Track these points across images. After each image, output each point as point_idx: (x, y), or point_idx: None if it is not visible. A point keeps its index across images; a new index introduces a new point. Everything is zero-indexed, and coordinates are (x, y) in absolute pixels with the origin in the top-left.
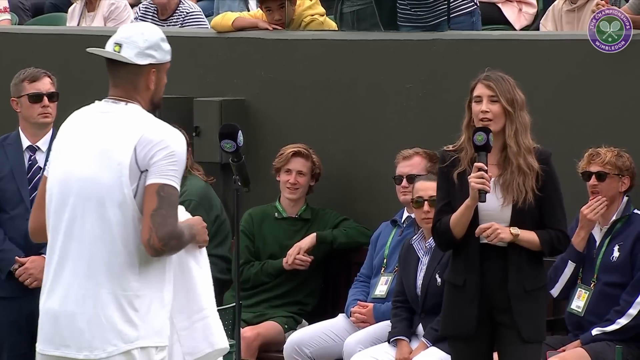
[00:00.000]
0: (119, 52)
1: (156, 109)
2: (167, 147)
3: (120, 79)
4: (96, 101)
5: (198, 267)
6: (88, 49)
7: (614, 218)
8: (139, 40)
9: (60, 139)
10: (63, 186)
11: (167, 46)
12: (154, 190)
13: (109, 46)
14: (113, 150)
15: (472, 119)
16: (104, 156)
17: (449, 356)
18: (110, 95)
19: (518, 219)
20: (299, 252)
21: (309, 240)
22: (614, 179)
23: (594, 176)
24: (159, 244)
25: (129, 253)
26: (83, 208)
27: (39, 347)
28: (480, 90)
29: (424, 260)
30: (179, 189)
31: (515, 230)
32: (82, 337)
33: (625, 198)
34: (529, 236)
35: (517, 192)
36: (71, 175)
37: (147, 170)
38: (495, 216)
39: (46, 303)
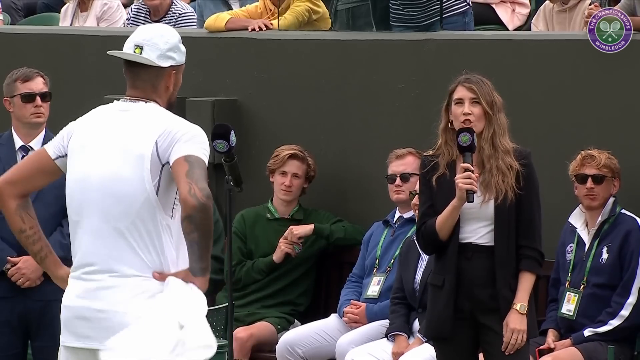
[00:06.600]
0: (140, 55)
1: (171, 108)
2: (190, 132)
3: (139, 80)
4: (115, 100)
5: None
6: (108, 52)
7: (600, 220)
8: (159, 42)
9: (80, 136)
10: (84, 184)
11: (183, 48)
12: (182, 159)
13: (129, 48)
14: (134, 145)
15: (450, 122)
16: (125, 153)
17: None
18: (127, 95)
19: (500, 216)
20: (291, 235)
21: (306, 228)
22: (609, 182)
23: (590, 179)
24: (200, 193)
25: (155, 248)
26: (106, 204)
27: (62, 339)
28: (461, 92)
29: (425, 257)
30: (206, 161)
31: (519, 306)
32: (110, 330)
33: (612, 199)
34: (527, 293)
35: (497, 191)
36: (93, 173)
37: (167, 162)
38: (477, 214)
39: (71, 299)
